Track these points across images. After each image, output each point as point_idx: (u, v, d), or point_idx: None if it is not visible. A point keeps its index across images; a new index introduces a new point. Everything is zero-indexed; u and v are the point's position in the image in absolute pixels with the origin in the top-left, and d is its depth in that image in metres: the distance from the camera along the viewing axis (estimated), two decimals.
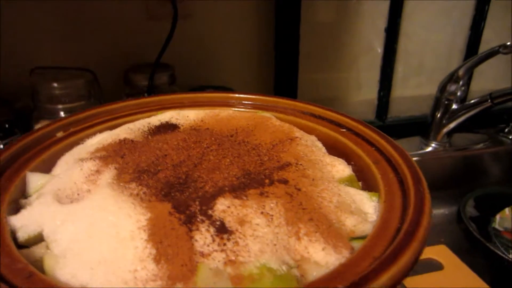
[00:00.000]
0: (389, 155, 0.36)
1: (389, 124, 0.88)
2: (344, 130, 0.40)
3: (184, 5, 0.71)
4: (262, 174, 0.29)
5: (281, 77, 0.81)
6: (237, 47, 0.80)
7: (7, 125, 0.67)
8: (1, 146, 0.66)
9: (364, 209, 0.31)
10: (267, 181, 0.28)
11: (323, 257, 0.25)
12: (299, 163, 0.31)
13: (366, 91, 0.89)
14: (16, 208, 0.29)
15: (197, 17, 0.75)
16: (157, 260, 0.22)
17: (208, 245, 0.23)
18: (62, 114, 0.65)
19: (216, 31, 0.77)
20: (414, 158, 0.80)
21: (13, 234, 0.25)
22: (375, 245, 0.25)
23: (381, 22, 0.84)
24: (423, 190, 0.29)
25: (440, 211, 0.83)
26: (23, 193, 0.30)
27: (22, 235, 0.25)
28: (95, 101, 0.68)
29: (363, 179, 0.35)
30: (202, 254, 0.23)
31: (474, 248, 0.72)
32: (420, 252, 0.24)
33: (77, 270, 0.22)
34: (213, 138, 0.32)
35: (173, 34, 0.68)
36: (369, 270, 0.22)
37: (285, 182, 0.28)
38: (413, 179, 0.31)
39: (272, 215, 0.26)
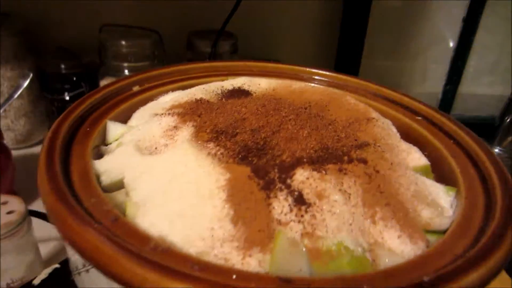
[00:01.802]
0: (470, 150, 0.33)
1: None
2: (419, 118, 0.38)
3: None
4: (340, 151, 0.28)
5: (343, 60, 0.78)
6: (302, 24, 0.78)
7: (74, 78, 0.70)
8: (67, 98, 0.70)
9: (440, 203, 0.29)
10: (345, 158, 0.27)
11: (398, 245, 0.24)
12: (377, 144, 0.30)
13: (431, 84, 0.84)
14: (97, 154, 0.29)
15: None
16: (234, 221, 0.22)
17: (285, 214, 0.23)
18: (126, 72, 0.67)
19: (283, 5, 0.75)
20: None
21: (97, 177, 0.26)
22: (456, 242, 0.24)
23: (459, 11, 0.78)
24: None
25: None
26: (103, 141, 0.31)
27: (105, 179, 0.26)
28: (159, 62, 0.69)
29: (438, 172, 0.34)
30: (280, 223, 0.22)
31: None
32: (508, 256, 0.23)
33: (157, 220, 0.22)
34: (291, 108, 0.31)
35: (240, 2, 0.67)
36: (456, 266, 0.21)
37: (364, 161, 0.27)
38: (499, 178, 0.29)
39: (350, 194, 0.25)
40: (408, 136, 0.37)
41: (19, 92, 0.52)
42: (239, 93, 0.36)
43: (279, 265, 0.20)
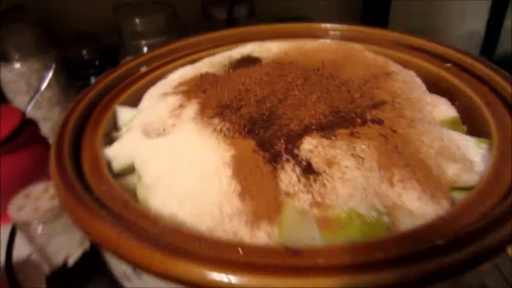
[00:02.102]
0: (506, 95, 0.30)
1: (498, 60, 0.75)
2: (448, 64, 0.35)
3: None
4: (353, 113, 0.26)
5: (370, 4, 0.72)
6: None
7: (97, 62, 0.71)
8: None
9: (469, 157, 0.27)
10: (359, 120, 0.25)
11: (418, 206, 0.23)
12: (396, 101, 0.27)
13: (471, 21, 0.76)
14: (110, 141, 0.30)
15: None
16: (241, 196, 0.22)
17: (293, 185, 0.22)
18: (145, 49, 0.67)
19: None
20: None
21: (108, 164, 0.26)
22: (483, 199, 0.22)
23: None
24: None
25: None
26: (115, 127, 0.31)
27: (115, 165, 0.26)
28: (176, 35, 0.68)
29: (470, 123, 0.31)
30: (287, 194, 0.22)
31: None
32: None
33: (167, 201, 0.23)
34: (298, 72, 0.29)
35: None
36: (477, 226, 0.19)
37: (379, 122, 0.25)
38: None
39: (363, 158, 0.23)
40: (436, 86, 0.34)
41: (45, 84, 0.53)
42: (248, 61, 0.34)
43: (288, 236, 0.20)
